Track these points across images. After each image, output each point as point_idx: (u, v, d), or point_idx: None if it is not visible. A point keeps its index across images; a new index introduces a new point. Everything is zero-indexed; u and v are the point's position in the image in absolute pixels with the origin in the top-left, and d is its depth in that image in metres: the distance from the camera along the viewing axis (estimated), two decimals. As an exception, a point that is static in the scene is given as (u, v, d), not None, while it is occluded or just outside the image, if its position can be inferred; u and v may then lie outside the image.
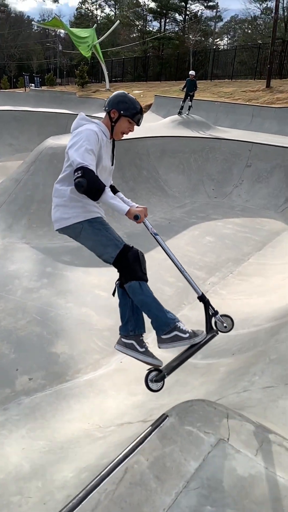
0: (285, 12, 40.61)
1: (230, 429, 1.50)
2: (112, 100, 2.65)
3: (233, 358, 3.40)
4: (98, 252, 2.63)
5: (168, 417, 1.54)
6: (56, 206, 2.61)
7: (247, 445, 1.44)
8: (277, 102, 16.93)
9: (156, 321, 2.52)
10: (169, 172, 10.05)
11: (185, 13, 47.10)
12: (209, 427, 1.50)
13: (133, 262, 2.60)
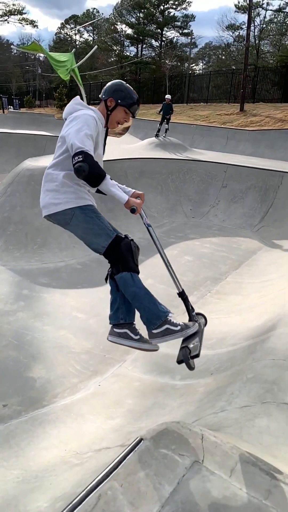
0: (256, 40, 42.50)
1: (205, 450, 1.50)
2: (110, 88, 2.56)
3: (212, 378, 3.41)
4: (88, 241, 2.52)
5: (143, 440, 1.53)
6: (46, 191, 2.48)
7: (222, 466, 1.45)
8: (251, 125, 17.51)
9: (147, 314, 2.40)
10: (147, 192, 10.16)
11: (161, 40, 48.66)
12: (184, 449, 1.50)
13: (125, 252, 2.50)
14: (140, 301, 2.39)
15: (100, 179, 2.25)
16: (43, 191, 2.52)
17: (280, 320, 3.85)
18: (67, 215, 2.46)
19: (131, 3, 45.99)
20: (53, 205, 2.45)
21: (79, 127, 2.30)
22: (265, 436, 2.14)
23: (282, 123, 16.67)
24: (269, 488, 1.38)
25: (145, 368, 3.93)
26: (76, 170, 2.17)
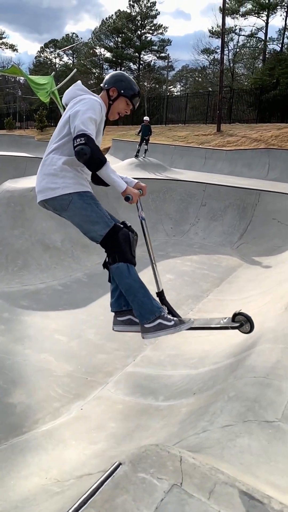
0: (231, 63, 44.00)
1: (183, 473, 1.50)
2: (112, 78, 2.51)
3: (194, 398, 3.40)
4: (85, 229, 2.42)
5: (121, 465, 1.52)
6: (43, 175, 2.40)
7: (200, 489, 1.45)
8: (228, 145, 17.97)
9: (140, 308, 2.31)
10: (129, 212, 10.22)
11: (139, 63, 49.91)
12: (162, 473, 1.49)
13: (123, 242, 2.43)
14: (134, 294, 2.32)
15: (101, 164, 2.19)
16: (40, 174, 2.42)
17: (260, 337, 3.89)
18: (64, 200, 2.38)
19: (109, 28, 47.21)
20: (50, 190, 2.36)
21: (85, 109, 2.25)
22: (246, 456, 2.14)
23: (257, 142, 17.17)
24: (248, 509, 1.39)
25: (128, 389, 3.90)
26: (77, 152, 2.10)
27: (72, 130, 2.23)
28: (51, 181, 2.37)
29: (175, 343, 4.89)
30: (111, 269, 2.36)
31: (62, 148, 2.38)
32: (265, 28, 39.51)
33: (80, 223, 2.46)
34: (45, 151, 2.51)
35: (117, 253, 2.37)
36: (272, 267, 7.33)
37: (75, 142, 2.13)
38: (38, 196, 2.45)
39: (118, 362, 4.34)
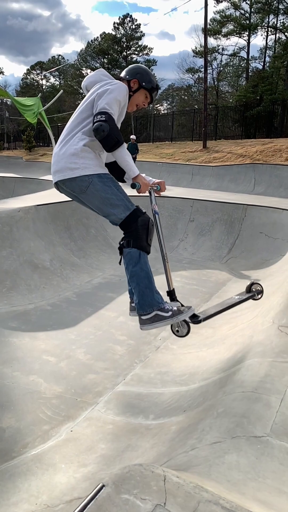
0: (215, 81, 45.03)
1: (167, 492, 1.50)
2: (135, 70, 2.47)
3: (184, 416, 3.39)
4: (105, 211, 2.34)
5: (104, 487, 1.51)
6: (62, 155, 2.30)
7: (184, 508, 1.44)
8: (214, 161, 18.27)
9: (141, 298, 2.24)
10: (117, 229, 10.23)
11: (125, 83, 50.79)
12: (146, 493, 1.48)
13: (141, 229, 2.38)
14: (137, 282, 2.26)
15: (117, 144, 2.15)
16: (58, 155, 2.31)
17: (249, 351, 3.91)
18: (84, 182, 2.29)
19: (95, 50, 48.18)
20: (69, 170, 2.28)
21: (112, 88, 2.23)
22: (234, 473, 2.14)
23: (243, 158, 17.48)
24: (231, 527, 1.39)
25: (118, 409, 3.86)
26: (95, 129, 2.07)
27: (95, 109, 2.20)
28: (71, 161, 2.29)
29: (165, 361, 4.88)
30: (124, 253, 2.30)
31: (84, 129, 2.31)
32: (247, 47, 40.65)
33: (100, 206, 2.38)
34: (64, 132, 2.40)
35: (133, 238, 2.31)
36: (260, 280, 7.38)
37: (95, 118, 2.11)
38: (55, 176, 2.34)
39: (108, 382, 4.31)
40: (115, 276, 8.02)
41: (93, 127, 2.09)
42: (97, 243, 9.21)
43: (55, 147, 2.41)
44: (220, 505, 1.48)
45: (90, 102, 2.26)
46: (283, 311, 4.41)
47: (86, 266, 7.98)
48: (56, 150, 2.38)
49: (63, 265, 7.33)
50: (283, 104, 29.22)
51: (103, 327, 5.65)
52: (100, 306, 6.37)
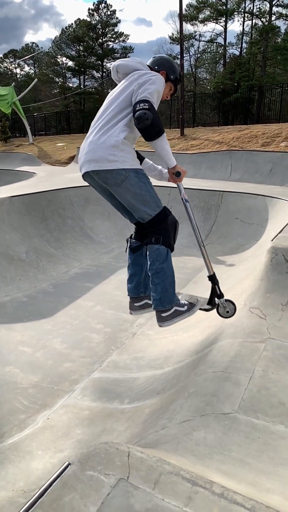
0: (193, 68, 44.85)
1: (130, 467, 1.55)
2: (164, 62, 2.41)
3: (157, 398, 3.46)
4: (135, 207, 2.29)
5: (70, 465, 1.56)
6: (101, 144, 2.20)
7: (146, 480, 1.50)
8: (191, 148, 18.30)
9: (163, 294, 2.22)
10: (95, 219, 10.29)
11: (102, 70, 50.05)
12: (110, 469, 1.54)
13: (170, 227, 2.38)
14: (163, 278, 2.24)
15: (160, 133, 2.12)
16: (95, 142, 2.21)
17: (221, 333, 4.00)
18: (120, 175, 2.25)
19: (70, 37, 47.21)
20: (107, 162, 2.22)
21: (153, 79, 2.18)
22: (200, 448, 2.22)
23: (220, 145, 17.57)
24: (190, 495, 1.45)
25: (94, 395, 3.92)
26: (138, 117, 2.02)
27: (134, 97, 2.13)
28: (110, 152, 2.23)
29: (141, 346, 4.95)
30: (151, 249, 2.26)
31: (125, 120, 2.25)
32: (224, 33, 40.54)
33: (131, 200, 2.34)
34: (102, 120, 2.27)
35: (163, 236, 2.30)
36: (235, 265, 7.53)
37: (137, 106, 2.05)
38: (90, 165, 2.25)
39: (84, 369, 4.36)
40: (92, 266, 8.03)
41: (136, 115, 2.06)
42: (74, 234, 9.17)
43: (91, 134, 2.27)
44: (181, 475, 1.54)
45: (131, 92, 2.21)
46: (254, 293, 4.51)
47: (63, 257, 7.95)
48: (93, 138, 2.29)
49: (40, 256, 7.29)
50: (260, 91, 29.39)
51: (80, 316, 5.67)
52: (77, 296, 6.38)
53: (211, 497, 1.46)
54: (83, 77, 50.78)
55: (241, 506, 1.43)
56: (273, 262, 4.98)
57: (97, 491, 1.45)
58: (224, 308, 2.45)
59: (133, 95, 2.14)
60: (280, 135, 16.53)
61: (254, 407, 2.79)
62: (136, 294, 2.42)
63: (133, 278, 2.42)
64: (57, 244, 8.47)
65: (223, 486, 1.52)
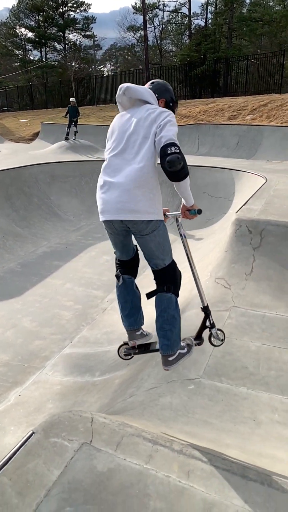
0: (158, 40, 43.82)
1: (94, 432, 1.60)
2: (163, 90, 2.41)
3: (127, 369, 3.55)
4: (155, 254, 2.32)
5: (34, 433, 1.59)
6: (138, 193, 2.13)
7: (108, 443, 1.56)
8: (159, 122, 18.11)
9: (173, 340, 2.24)
10: (62, 197, 10.12)
11: (64, 42, 48.11)
12: (73, 435, 1.58)
13: (179, 277, 2.42)
14: (174, 325, 2.32)
15: (187, 176, 2.14)
16: (129, 189, 2.15)
17: (188, 304, 4.10)
18: (153, 226, 2.25)
19: (28, 6, 44.89)
20: (147, 214, 2.20)
21: (173, 121, 2.17)
22: (165, 412, 2.30)
23: (187, 118, 17.46)
24: (151, 453, 1.53)
25: (66, 370, 3.96)
26: (171, 160, 2.01)
27: (159, 138, 2.11)
28: (150, 204, 2.20)
29: (112, 321, 5.00)
30: (163, 297, 2.35)
31: (151, 161, 2.20)
32: (189, 3, 39.55)
33: (154, 248, 2.36)
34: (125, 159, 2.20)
35: (174, 284, 2.38)
36: (204, 239, 7.64)
37: (168, 149, 2.03)
38: (127, 214, 2.19)
39: (55, 346, 4.38)
40: (60, 245, 7.95)
41: (168, 158, 2.01)
42: (41, 212, 9.01)
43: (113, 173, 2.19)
44: (142, 437, 1.61)
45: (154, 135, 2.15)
46: (219, 264, 4.63)
47: (30, 236, 7.82)
48: (119, 180, 2.17)
49: (6, 236, 7.14)
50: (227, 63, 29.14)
51: (49, 294, 5.65)
52: (46, 275, 6.34)
53: (171, 454, 1.53)
54: (45, 50, 48.66)
55: (198, 460, 1.51)
56: (238, 234, 5.10)
57: (60, 455, 1.50)
58: (217, 337, 2.52)
59: (157, 135, 2.11)
60: (246, 108, 16.58)
61: (218, 371, 2.91)
62: (138, 326, 2.48)
63: (133, 311, 2.47)
64: (23, 223, 8.31)
65: (182, 444, 1.59)
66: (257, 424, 2.40)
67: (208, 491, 1.39)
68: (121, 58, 53.72)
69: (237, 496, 1.38)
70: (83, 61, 43.87)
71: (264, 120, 15.18)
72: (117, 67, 52.19)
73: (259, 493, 1.39)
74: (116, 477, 1.43)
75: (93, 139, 16.01)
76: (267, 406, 2.60)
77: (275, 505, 1.35)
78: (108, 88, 29.67)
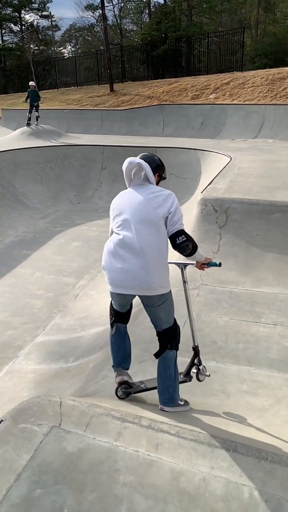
0: (118, 19, 42.80)
1: (63, 414, 1.62)
2: (155, 165, 2.54)
3: (101, 352, 3.57)
4: (163, 320, 2.45)
5: (2, 421, 1.59)
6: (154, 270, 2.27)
7: (78, 424, 1.58)
8: (122, 104, 17.81)
9: (174, 392, 2.34)
10: (27, 184, 9.88)
11: (21, 23, 46.24)
12: (42, 419, 1.59)
13: (179, 333, 2.54)
14: (175, 378, 2.40)
15: (196, 249, 2.36)
16: (146, 269, 2.27)
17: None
18: (165, 298, 2.39)
19: (-20, -15, 42.69)
20: (162, 288, 2.33)
21: (179, 208, 2.37)
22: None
23: (150, 99, 17.26)
24: (120, 431, 1.56)
25: (39, 358, 3.95)
26: (182, 248, 2.28)
27: (172, 224, 2.30)
28: (164, 279, 2.34)
29: (84, 306, 5.00)
30: (168, 354, 2.42)
31: (164, 244, 2.35)
32: (146, -21, 38.69)
33: (162, 316, 2.46)
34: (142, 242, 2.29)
35: (175, 342, 2.47)
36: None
37: (177, 239, 2.27)
38: (142, 291, 2.30)
39: (28, 335, 4.35)
40: (28, 233, 7.81)
41: (179, 248, 2.30)
42: (6, 201, 8.79)
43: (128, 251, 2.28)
44: (111, 415, 1.63)
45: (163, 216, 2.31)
46: (187, 244, 4.68)
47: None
48: (135, 259, 2.27)
49: (-28, 227, 6.93)
50: (188, 42, 28.84)
51: (19, 284, 5.57)
52: (14, 265, 6.23)
53: (140, 429, 1.57)
54: (1, 32, 46.68)
55: (166, 433, 1.55)
56: (204, 213, 5.15)
57: (30, 440, 1.51)
58: (203, 373, 2.59)
59: (168, 221, 2.31)
60: (209, 87, 16.53)
61: (189, 348, 2.97)
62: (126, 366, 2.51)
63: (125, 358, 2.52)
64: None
65: (151, 419, 1.63)
66: (227, 395, 2.49)
67: (176, 461, 1.43)
68: (81, 39, 52.17)
69: (204, 463, 1.43)
70: (41, 43, 42.28)
71: (227, 98, 15.22)
72: (78, 48, 50.73)
73: (225, 459, 1.45)
74: (86, 456, 1.45)
75: (56, 124, 15.64)
76: (236, 378, 2.69)
77: (240, 468, 1.41)
78: (70, 70, 28.89)
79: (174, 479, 1.37)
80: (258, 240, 4.48)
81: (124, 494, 1.34)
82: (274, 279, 3.97)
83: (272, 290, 3.82)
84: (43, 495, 1.33)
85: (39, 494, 1.33)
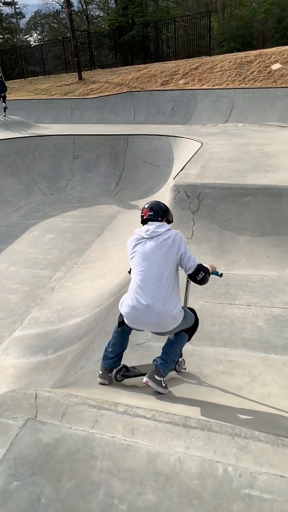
0: (83, 5, 41.80)
1: (38, 406, 1.61)
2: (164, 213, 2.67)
3: (79, 343, 3.57)
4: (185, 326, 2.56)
5: (-24, 418, 1.56)
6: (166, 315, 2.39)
7: (53, 415, 1.58)
8: (92, 93, 17.53)
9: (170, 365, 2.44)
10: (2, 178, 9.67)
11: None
12: (18, 412, 1.58)
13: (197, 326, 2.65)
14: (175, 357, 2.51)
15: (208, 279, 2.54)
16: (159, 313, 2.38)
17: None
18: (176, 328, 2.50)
19: None
20: (173, 324, 2.46)
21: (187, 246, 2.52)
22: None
23: (120, 87, 17.03)
24: (96, 419, 1.56)
25: (18, 353, 3.92)
26: (202, 281, 2.50)
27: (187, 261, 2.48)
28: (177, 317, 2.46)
29: (61, 299, 4.97)
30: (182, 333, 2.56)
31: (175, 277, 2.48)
32: None
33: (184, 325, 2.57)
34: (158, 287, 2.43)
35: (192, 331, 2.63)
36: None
37: (197, 277, 2.47)
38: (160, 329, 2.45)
39: (5, 330, 4.30)
40: (1, 227, 7.66)
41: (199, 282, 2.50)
42: (-24, 195, 8.57)
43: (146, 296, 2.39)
44: (87, 404, 1.64)
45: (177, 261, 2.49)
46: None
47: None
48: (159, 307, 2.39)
49: None
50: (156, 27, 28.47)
51: (-6, 279, 5.48)
52: (-12, 259, 6.11)
53: (116, 416, 1.58)
54: None
55: (142, 417, 1.57)
56: (177, 200, 5.16)
57: (5, 434, 1.50)
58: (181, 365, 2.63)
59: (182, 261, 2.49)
60: (178, 72, 16.42)
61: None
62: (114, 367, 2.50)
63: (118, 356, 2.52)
64: None
65: (127, 405, 1.64)
66: (203, 377, 2.53)
67: (152, 444, 1.45)
68: (47, 26, 50.83)
69: (179, 444, 1.46)
70: (6, 31, 41.00)
71: (197, 83, 15.17)
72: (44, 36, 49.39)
73: (200, 438, 1.48)
74: (63, 446, 1.46)
75: (25, 114, 15.28)
76: (212, 359, 2.74)
77: (214, 446, 1.44)
78: (37, 59, 28.14)
79: (150, 461, 1.39)
80: (231, 224, 4.53)
81: (101, 479, 1.35)
82: (247, 261, 4.03)
83: (245, 272, 3.88)
84: (20, 487, 1.33)
85: (16, 486, 1.33)
